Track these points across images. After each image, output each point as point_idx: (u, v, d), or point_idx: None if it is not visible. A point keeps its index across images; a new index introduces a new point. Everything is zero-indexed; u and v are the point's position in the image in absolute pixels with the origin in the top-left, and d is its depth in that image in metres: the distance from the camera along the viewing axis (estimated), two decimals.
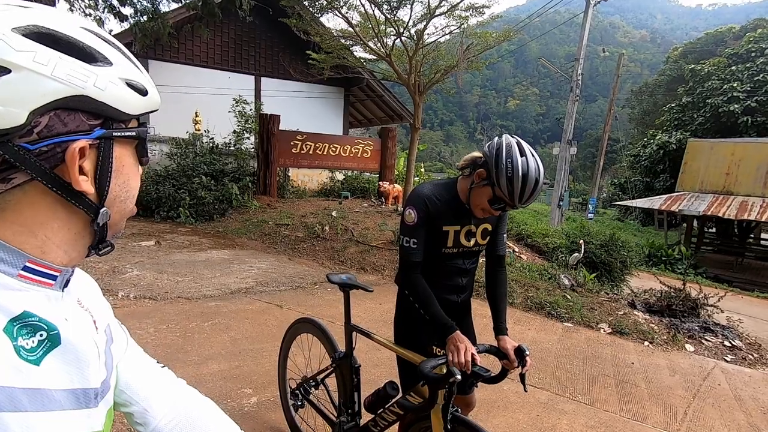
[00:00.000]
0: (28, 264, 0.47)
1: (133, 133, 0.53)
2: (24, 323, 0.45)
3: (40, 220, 0.48)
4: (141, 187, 0.59)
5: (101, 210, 0.51)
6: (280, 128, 9.36)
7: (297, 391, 2.18)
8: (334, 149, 10.29)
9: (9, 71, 0.42)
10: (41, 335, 0.47)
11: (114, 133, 0.50)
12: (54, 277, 0.50)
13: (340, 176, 11.92)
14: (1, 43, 0.42)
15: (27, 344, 0.45)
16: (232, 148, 9.92)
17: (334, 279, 1.99)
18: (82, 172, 0.47)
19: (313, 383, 2.12)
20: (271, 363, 3.13)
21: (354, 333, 1.91)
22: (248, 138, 10.21)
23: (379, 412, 1.72)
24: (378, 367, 3.29)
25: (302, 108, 12.29)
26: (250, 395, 2.80)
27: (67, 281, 0.54)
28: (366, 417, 1.83)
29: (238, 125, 9.97)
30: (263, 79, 12.22)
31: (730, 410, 3.31)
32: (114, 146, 0.51)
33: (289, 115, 10.50)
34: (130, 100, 0.50)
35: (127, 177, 0.54)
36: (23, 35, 0.43)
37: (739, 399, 3.52)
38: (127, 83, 0.50)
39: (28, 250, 0.47)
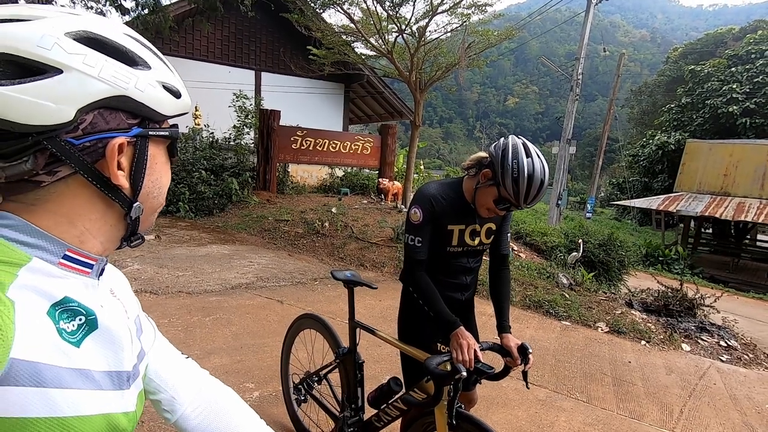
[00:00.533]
0: (68, 253, 0.51)
1: (167, 133, 0.56)
2: (65, 308, 0.49)
3: (80, 211, 0.51)
4: None
5: (135, 204, 0.54)
6: (280, 124, 9.35)
7: (300, 386, 2.20)
8: (333, 145, 10.28)
9: (61, 72, 0.45)
10: (80, 319, 0.50)
11: (150, 132, 0.53)
12: (91, 266, 0.53)
13: (339, 172, 11.92)
14: (56, 47, 0.45)
15: (68, 327, 0.48)
16: (232, 143, 9.90)
17: (338, 276, 2.01)
18: (119, 167, 0.51)
19: (317, 378, 2.14)
20: (272, 358, 3.15)
21: (358, 329, 1.94)
22: (248, 133, 10.19)
23: (382, 407, 1.74)
24: (379, 363, 3.32)
25: (302, 103, 12.27)
26: (253, 390, 2.82)
27: (102, 270, 0.57)
28: (369, 412, 1.85)
29: (238, 120, 9.95)
30: (263, 74, 12.19)
31: (725, 409, 3.36)
32: (149, 144, 0.54)
33: (289, 111, 10.49)
34: (165, 101, 0.54)
35: (160, 174, 0.57)
36: (74, 39, 0.47)
37: (734, 398, 3.57)
38: (163, 86, 0.54)
39: (67, 239, 0.51)
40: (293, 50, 11.66)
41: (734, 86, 19.33)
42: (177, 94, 0.56)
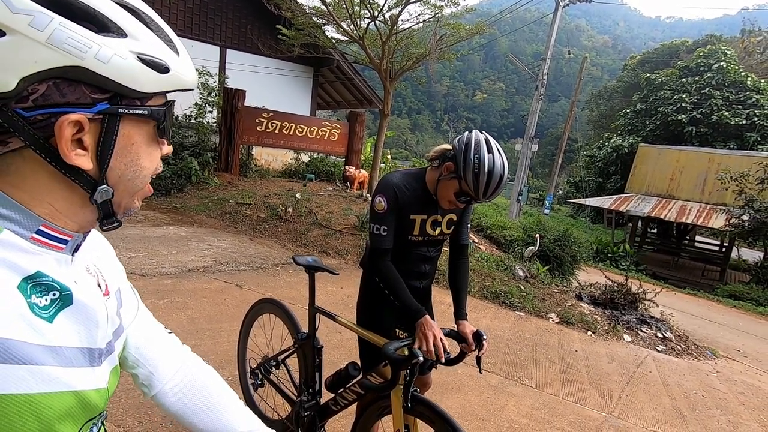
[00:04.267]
0: (42, 228, 0.48)
1: (144, 112, 0.49)
2: (37, 282, 0.46)
3: (43, 188, 0.47)
4: None
5: (100, 187, 0.49)
6: (245, 104, 9.05)
7: (257, 371, 2.18)
8: (300, 130, 10.07)
9: (3, 34, 0.40)
10: (54, 294, 0.48)
11: (120, 110, 0.47)
12: (65, 242, 0.51)
13: (305, 158, 11.72)
14: (1, 4, 0.39)
15: (40, 302, 0.46)
16: (193, 121, 9.48)
17: (300, 261, 2.00)
18: (81, 146, 0.46)
19: (274, 363, 2.12)
20: (229, 342, 3.09)
21: (317, 314, 1.93)
22: (210, 112, 9.79)
23: (339, 391, 1.76)
24: (338, 348, 3.33)
25: (269, 85, 11.90)
26: None
27: (78, 247, 0.54)
28: (326, 396, 1.87)
29: (200, 98, 9.53)
30: (229, 51, 11.69)
31: (658, 395, 3.64)
32: (122, 123, 0.48)
33: (255, 91, 10.14)
34: (140, 76, 0.47)
35: (137, 156, 0.51)
36: None
37: (666, 385, 3.87)
38: (139, 58, 0.47)
39: (41, 214, 0.48)
40: (261, 28, 11.24)
41: (684, 96, 20.57)
42: (162, 68, 0.48)
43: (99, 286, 0.58)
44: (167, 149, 0.57)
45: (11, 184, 0.46)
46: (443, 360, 1.52)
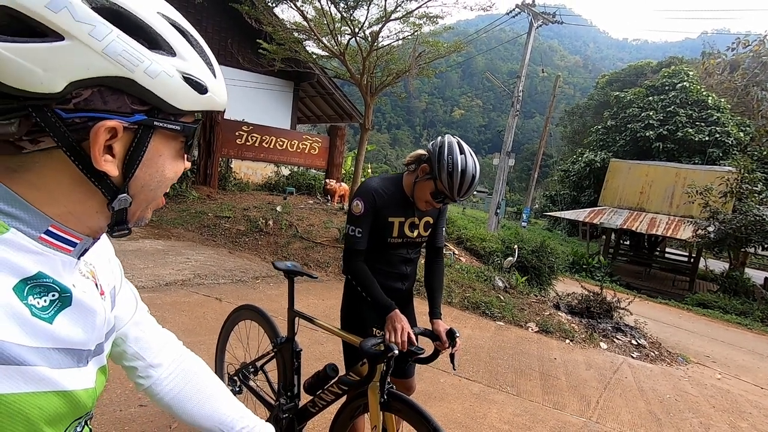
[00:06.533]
0: (51, 228, 0.48)
1: (177, 127, 0.51)
2: (37, 283, 0.46)
3: (63, 189, 0.47)
4: None
5: (121, 195, 0.50)
6: (224, 117, 9.01)
7: (235, 377, 2.16)
8: (281, 143, 10.07)
9: (62, 39, 0.41)
10: (53, 295, 0.48)
11: (156, 123, 0.49)
12: (74, 244, 0.50)
13: (286, 171, 11.69)
14: (65, 11, 0.41)
15: (38, 303, 0.46)
16: None
17: (279, 266, 2.03)
18: (110, 152, 0.47)
19: (252, 369, 2.12)
20: (209, 355, 3.01)
21: (296, 318, 1.95)
22: None
23: (318, 393, 1.77)
24: (321, 361, 3.30)
25: (249, 98, 11.88)
26: None
27: (85, 251, 0.53)
28: (305, 400, 1.87)
29: None
30: None
31: (633, 399, 3.73)
32: (154, 135, 0.50)
33: (235, 105, 10.10)
34: (182, 94, 0.49)
35: (162, 168, 0.53)
36: (92, 7, 0.43)
37: (641, 390, 3.98)
38: (184, 77, 0.49)
39: (52, 215, 0.47)
40: (241, 42, 11.27)
41: (651, 113, 21.53)
42: (202, 89, 0.50)
43: (96, 286, 0.59)
44: (187, 164, 0.58)
45: (29, 182, 0.46)
46: (412, 348, 1.58)
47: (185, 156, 0.56)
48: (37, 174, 0.46)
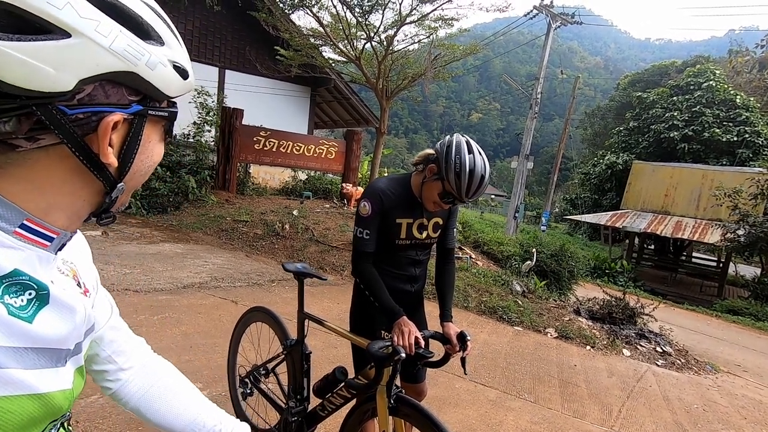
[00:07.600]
0: (25, 222, 0.46)
1: (166, 114, 0.53)
2: (13, 282, 0.45)
3: (53, 182, 0.47)
4: None
5: (119, 185, 0.51)
6: (242, 123, 9.15)
7: (246, 380, 2.16)
8: (298, 148, 10.16)
9: (69, 36, 0.41)
10: (30, 294, 0.46)
11: (149, 111, 0.50)
12: (51, 239, 0.49)
13: (302, 176, 11.78)
14: (68, 7, 0.41)
15: (15, 302, 0.44)
16: (191, 140, 9.56)
17: (289, 267, 2.01)
18: (110, 144, 0.47)
19: (263, 371, 2.11)
20: (223, 358, 3.03)
21: (306, 321, 1.93)
22: (209, 131, 9.89)
23: (327, 396, 1.75)
24: (334, 363, 3.29)
25: (267, 104, 12.06)
26: (201, 389, 2.67)
27: (63, 245, 0.53)
28: (314, 403, 1.85)
29: (199, 117, 9.64)
30: (227, 72, 11.90)
31: (658, 409, 3.59)
32: (146, 123, 0.51)
33: (253, 111, 10.28)
34: (172, 82, 0.50)
35: (152, 153, 0.54)
36: (90, 2, 0.42)
37: (666, 399, 3.82)
38: (174, 65, 0.50)
39: (31, 208, 0.46)
40: (259, 49, 11.46)
41: (675, 114, 20.93)
42: (185, 74, 0.52)
43: (79, 285, 0.57)
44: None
45: (15, 177, 0.45)
46: (420, 352, 1.54)
47: (166, 139, 0.57)
48: (28, 169, 0.45)
